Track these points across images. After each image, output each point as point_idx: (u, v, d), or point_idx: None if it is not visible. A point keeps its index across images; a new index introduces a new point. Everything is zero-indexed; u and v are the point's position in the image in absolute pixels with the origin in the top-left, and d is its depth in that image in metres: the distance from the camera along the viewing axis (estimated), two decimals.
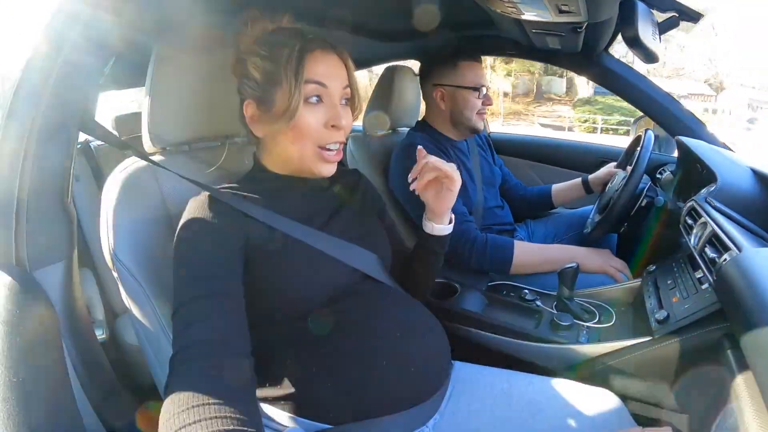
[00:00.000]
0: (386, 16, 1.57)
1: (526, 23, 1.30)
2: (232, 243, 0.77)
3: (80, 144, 2.06)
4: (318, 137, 0.83)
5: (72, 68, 0.81)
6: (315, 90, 0.81)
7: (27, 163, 0.79)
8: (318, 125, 0.82)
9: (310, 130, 0.82)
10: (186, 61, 0.94)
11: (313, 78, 0.80)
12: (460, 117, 1.57)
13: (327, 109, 0.83)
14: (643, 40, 1.07)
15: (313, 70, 0.81)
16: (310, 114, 0.81)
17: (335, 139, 0.84)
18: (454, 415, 0.87)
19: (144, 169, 0.92)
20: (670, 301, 1.04)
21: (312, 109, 0.82)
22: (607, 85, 1.74)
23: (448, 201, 0.93)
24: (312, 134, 0.82)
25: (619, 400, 0.87)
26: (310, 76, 0.80)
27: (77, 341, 0.84)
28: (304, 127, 0.82)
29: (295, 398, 0.78)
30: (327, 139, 0.84)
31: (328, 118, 0.83)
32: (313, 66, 0.81)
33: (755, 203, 1.09)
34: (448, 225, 0.99)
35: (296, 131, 0.82)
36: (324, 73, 0.82)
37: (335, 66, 0.84)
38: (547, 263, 1.38)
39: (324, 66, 0.82)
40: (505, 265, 1.40)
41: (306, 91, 0.80)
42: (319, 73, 0.81)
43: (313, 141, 0.83)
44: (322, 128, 0.83)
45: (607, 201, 1.48)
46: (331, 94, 0.83)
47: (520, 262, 1.39)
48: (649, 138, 1.37)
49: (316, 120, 0.82)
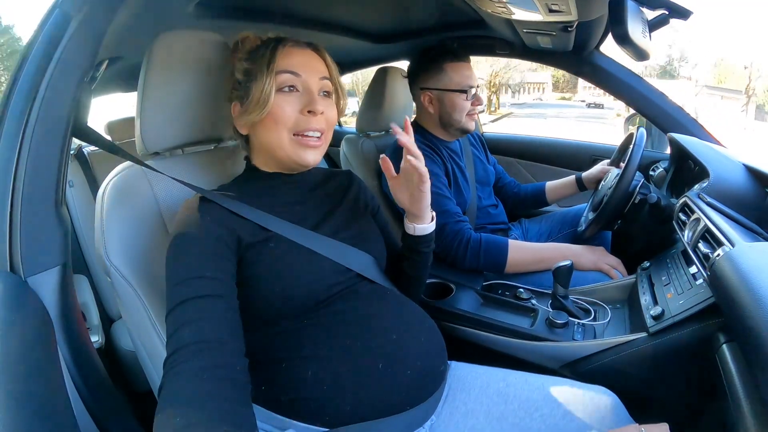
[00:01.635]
0: (378, 18, 1.58)
1: (517, 23, 1.31)
2: (225, 244, 0.77)
3: (74, 150, 2.05)
4: (294, 124, 0.85)
5: (64, 73, 0.81)
6: (288, 79, 0.85)
7: (20, 169, 0.79)
8: (293, 112, 0.85)
9: (284, 117, 0.84)
10: (178, 65, 0.94)
11: (285, 68, 0.85)
12: (450, 119, 1.55)
13: (302, 97, 0.86)
14: (633, 38, 1.08)
15: (286, 62, 0.85)
16: (284, 102, 0.84)
17: (312, 125, 0.86)
18: (450, 415, 0.87)
19: (137, 173, 0.92)
20: (664, 297, 1.05)
21: (286, 98, 0.85)
22: (599, 83, 1.75)
23: (423, 200, 0.92)
24: (287, 122, 0.85)
25: (616, 397, 0.87)
26: (283, 66, 0.85)
27: (72, 347, 0.83)
28: (278, 115, 0.84)
29: (290, 401, 0.77)
30: (303, 125, 0.85)
31: (304, 104, 0.85)
32: (286, 58, 0.86)
33: (747, 198, 1.10)
34: (430, 223, 0.98)
35: (271, 119, 0.85)
36: (296, 64, 0.86)
37: (310, 58, 0.89)
38: (542, 262, 1.38)
39: (297, 58, 0.87)
40: (499, 265, 1.40)
41: (279, 80, 0.84)
42: (291, 63, 0.85)
43: (289, 128, 0.85)
44: (298, 114, 0.85)
45: (600, 199, 1.48)
46: (306, 82, 0.86)
47: (514, 261, 1.39)
48: (641, 135, 1.37)
49: (291, 108, 0.85)
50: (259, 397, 0.79)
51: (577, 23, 1.18)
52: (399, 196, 0.94)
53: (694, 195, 1.08)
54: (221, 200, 0.82)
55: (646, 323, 1.01)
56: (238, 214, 0.82)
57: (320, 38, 1.55)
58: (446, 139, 1.63)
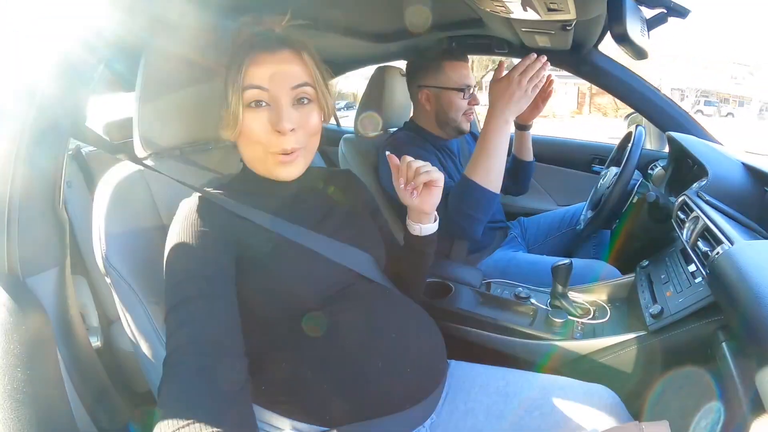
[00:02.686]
0: (376, 17, 1.57)
1: (516, 22, 1.31)
2: (224, 244, 0.77)
3: (71, 150, 2.04)
4: (266, 143, 0.81)
5: (61, 73, 0.81)
6: (255, 95, 0.79)
7: (17, 170, 0.78)
8: (262, 130, 0.80)
9: (255, 135, 0.80)
10: (176, 64, 0.93)
11: (251, 83, 0.79)
12: (446, 118, 1.55)
13: (270, 113, 0.80)
14: (631, 37, 1.08)
15: (253, 73, 0.79)
16: (253, 120, 0.80)
17: (282, 145, 0.80)
18: (450, 414, 0.87)
19: (135, 173, 0.92)
20: (663, 295, 1.05)
21: (254, 114, 0.80)
22: (598, 83, 1.75)
23: (435, 198, 0.91)
24: (259, 139, 0.81)
25: (615, 396, 0.87)
26: (249, 80, 0.79)
27: (71, 348, 0.83)
28: (249, 133, 0.81)
29: (290, 401, 0.77)
30: (274, 145, 0.81)
31: (273, 122, 0.80)
32: (254, 70, 0.79)
33: (746, 196, 1.10)
34: (434, 223, 0.98)
35: (244, 137, 0.82)
36: (264, 76, 0.79)
37: (282, 64, 0.81)
38: (499, 147, 1.25)
39: (266, 67, 0.80)
40: (483, 196, 1.27)
41: (245, 97, 0.79)
42: (258, 76, 0.79)
43: (262, 146, 0.82)
44: (269, 133, 0.80)
45: (599, 197, 1.49)
46: (275, 96, 0.80)
47: (483, 177, 1.26)
48: (639, 134, 1.37)
49: (260, 124, 0.80)
50: (259, 397, 0.78)
51: (576, 22, 1.18)
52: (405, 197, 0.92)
53: (693, 193, 1.09)
54: (220, 200, 0.82)
55: (646, 322, 1.01)
56: (237, 213, 0.81)
57: (317, 38, 1.55)
58: (443, 138, 1.63)
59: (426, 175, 0.86)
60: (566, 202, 2.16)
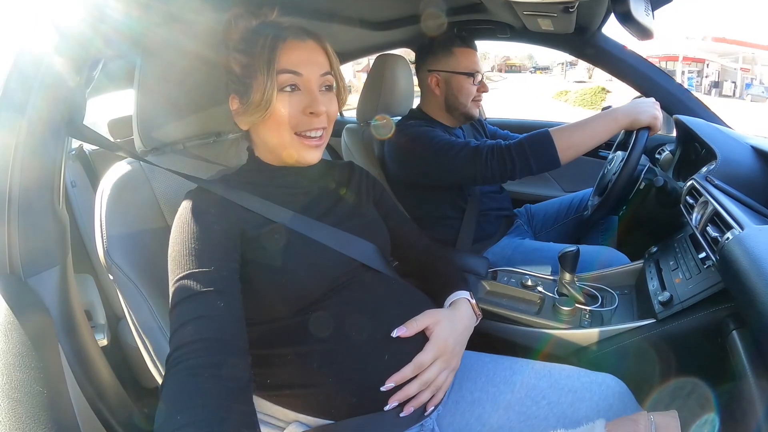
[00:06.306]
0: (378, 4, 1.56)
1: (517, 5, 1.29)
2: (228, 237, 0.77)
3: (74, 150, 2.05)
4: (296, 124, 0.84)
5: (58, 73, 0.80)
6: (289, 79, 0.82)
7: (16, 170, 0.78)
8: (295, 113, 0.83)
9: (286, 118, 0.83)
10: (173, 58, 0.93)
11: (286, 67, 0.82)
12: (455, 103, 1.55)
13: (303, 97, 0.84)
14: (635, 17, 1.05)
15: (286, 60, 0.82)
16: (285, 103, 0.82)
17: (314, 125, 0.84)
18: (457, 404, 0.87)
19: (134, 170, 0.92)
20: (672, 282, 1.03)
21: (287, 98, 0.82)
22: (603, 66, 1.72)
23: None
24: (290, 122, 0.83)
25: (624, 385, 0.86)
26: (283, 65, 0.81)
27: (75, 346, 0.83)
28: (280, 117, 0.82)
29: (296, 394, 0.77)
30: (305, 125, 0.84)
31: (305, 105, 0.83)
32: (287, 55, 0.82)
33: (756, 180, 1.08)
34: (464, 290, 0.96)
35: (273, 121, 0.83)
36: (297, 62, 0.82)
37: (311, 53, 0.85)
38: (594, 135, 1.28)
39: (298, 54, 0.83)
40: (551, 157, 1.28)
41: (280, 80, 0.81)
42: (292, 61, 0.82)
43: (290, 128, 0.84)
44: (300, 115, 0.83)
45: (606, 183, 1.47)
46: (308, 81, 0.84)
47: (565, 145, 1.28)
48: None
49: (293, 108, 0.83)
50: (265, 390, 0.79)
51: (578, 3, 1.16)
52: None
53: (702, 178, 1.06)
54: (224, 191, 0.82)
55: (655, 309, 1.00)
56: (242, 205, 0.82)
57: (318, 27, 1.54)
58: (450, 125, 1.62)
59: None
60: (573, 188, 2.14)
